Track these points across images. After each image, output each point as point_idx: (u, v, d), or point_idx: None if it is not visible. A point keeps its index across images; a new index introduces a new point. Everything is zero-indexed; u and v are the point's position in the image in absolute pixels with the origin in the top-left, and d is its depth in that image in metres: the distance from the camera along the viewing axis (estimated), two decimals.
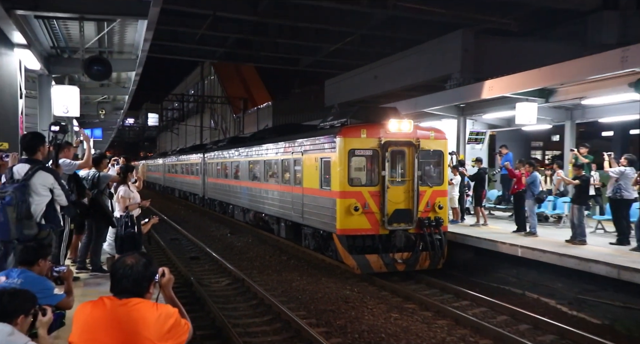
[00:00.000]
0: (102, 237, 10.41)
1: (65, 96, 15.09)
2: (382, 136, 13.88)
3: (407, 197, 14.07)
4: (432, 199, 14.28)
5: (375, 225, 13.77)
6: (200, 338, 9.49)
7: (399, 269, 13.76)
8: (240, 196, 23.80)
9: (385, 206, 13.77)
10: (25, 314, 4.05)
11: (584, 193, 13.67)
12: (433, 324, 10.27)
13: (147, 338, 3.22)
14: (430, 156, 14.60)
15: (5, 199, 6.56)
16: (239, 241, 20.57)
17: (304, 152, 16.20)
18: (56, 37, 14.15)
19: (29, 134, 7.73)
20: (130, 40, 14.77)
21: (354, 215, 13.57)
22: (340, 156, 13.78)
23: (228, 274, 14.67)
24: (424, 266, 13.90)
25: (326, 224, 14.58)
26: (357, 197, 13.66)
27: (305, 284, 13.47)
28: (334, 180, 14.01)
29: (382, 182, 13.86)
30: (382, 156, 13.88)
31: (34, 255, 5.22)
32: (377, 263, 13.56)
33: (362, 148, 13.97)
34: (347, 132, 14.05)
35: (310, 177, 15.64)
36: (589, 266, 11.30)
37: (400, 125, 13.93)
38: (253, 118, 52.49)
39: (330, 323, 10.35)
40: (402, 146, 14.10)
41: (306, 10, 30.10)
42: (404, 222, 13.97)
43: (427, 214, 14.14)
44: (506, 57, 23.96)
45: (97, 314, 3.33)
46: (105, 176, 10.19)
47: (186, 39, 37.09)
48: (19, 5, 10.01)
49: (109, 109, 26.25)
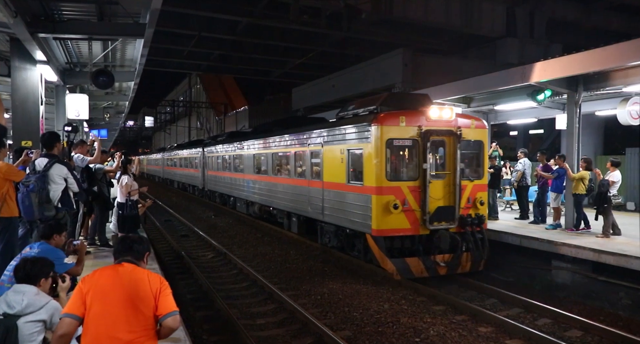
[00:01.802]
0: (103, 218, 10.47)
1: (76, 102, 15.13)
2: (423, 124, 10.69)
3: (447, 192, 10.86)
4: (473, 194, 11.17)
5: (415, 224, 10.58)
6: (190, 300, 9.58)
7: (440, 273, 10.57)
8: (244, 189, 20.26)
9: (426, 203, 10.55)
10: (46, 277, 4.13)
11: (496, 179, 14.21)
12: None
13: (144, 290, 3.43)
14: (471, 147, 11.42)
15: (29, 187, 6.65)
16: (221, 222, 20.54)
17: (325, 144, 12.74)
18: (70, 55, 14.08)
19: (47, 133, 7.75)
20: (130, 56, 14.70)
21: (392, 213, 10.35)
22: (376, 146, 10.47)
23: (213, 249, 14.59)
24: (465, 268, 10.78)
25: (355, 222, 11.30)
26: (395, 194, 10.44)
27: (276, 256, 13.47)
28: (368, 174, 10.71)
29: (423, 176, 10.61)
30: (422, 146, 10.62)
31: (50, 231, 5.30)
32: (418, 266, 10.43)
33: (401, 138, 10.61)
34: (384, 120, 10.57)
35: (333, 171, 12.35)
36: (500, 236, 11.84)
37: (441, 112, 10.84)
38: (232, 120, 52.21)
39: (297, 287, 10.41)
40: (443, 135, 10.89)
41: (276, 32, 30.15)
42: (445, 221, 10.77)
43: (468, 211, 11.04)
44: (437, 71, 24.38)
45: (106, 273, 3.52)
46: (99, 168, 10.22)
47: (176, 55, 36.75)
48: (41, 30, 10.07)
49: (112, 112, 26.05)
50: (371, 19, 25.36)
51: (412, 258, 10.44)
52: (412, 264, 10.39)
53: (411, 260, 10.42)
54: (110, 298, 3.33)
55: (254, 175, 18.76)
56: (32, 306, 3.80)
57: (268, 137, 17.33)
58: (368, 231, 10.71)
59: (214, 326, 8.14)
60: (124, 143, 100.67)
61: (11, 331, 3.68)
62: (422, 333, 7.70)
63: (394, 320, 8.23)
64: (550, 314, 8.51)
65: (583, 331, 7.81)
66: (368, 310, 8.75)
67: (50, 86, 14.83)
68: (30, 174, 6.83)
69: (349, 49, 32.53)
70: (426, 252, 10.51)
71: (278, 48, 34.27)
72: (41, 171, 6.85)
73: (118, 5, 9.68)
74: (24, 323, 3.74)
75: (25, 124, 11.30)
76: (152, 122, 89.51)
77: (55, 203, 6.93)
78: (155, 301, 3.38)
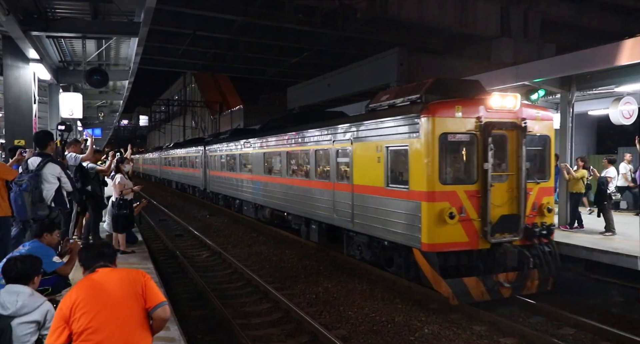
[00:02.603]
0: (97, 217, 10.45)
1: (70, 101, 15.09)
2: (482, 115, 8.83)
3: (510, 197, 9.03)
4: (539, 198, 9.38)
5: (473, 237, 8.73)
6: (185, 299, 9.55)
7: (504, 295, 8.75)
8: (253, 191, 18.21)
9: (487, 211, 8.71)
10: (38, 274, 4.08)
11: None
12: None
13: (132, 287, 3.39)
14: (537, 143, 9.57)
15: (22, 186, 6.63)
16: (216, 221, 20.47)
17: (355, 140, 10.90)
18: (63, 53, 14.03)
19: (40, 132, 7.75)
20: (124, 55, 14.67)
21: (448, 224, 8.50)
22: (427, 142, 8.61)
23: (207, 248, 14.53)
24: (531, 289, 8.95)
25: (397, 234, 9.42)
26: (450, 200, 8.60)
27: (271, 255, 13.46)
28: (417, 176, 8.84)
29: (483, 179, 8.75)
30: (483, 142, 8.76)
31: (40, 229, 5.30)
32: (478, 288, 8.54)
33: (457, 132, 8.74)
34: (436, 110, 8.64)
35: (366, 172, 10.49)
36: None
37: (504, 101, 8.94)
38: (227, 119, 52.10)
39: (292, 287, 10.34)
40: (506, 128, 9.05)
41: (271, 31, 30.06)
42: (508, 232, 8.91)
43: (533, 220, 9.25)
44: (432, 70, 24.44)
45: (84, 286, 3.39)
46: (92, 167, 10.18)
47: (171, 53, 36.60)
48: (33, 27, 10.02)
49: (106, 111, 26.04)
50: (366, 18, 25.39)
51: (471, 278, 8.55)
52: (471, 286, 8.51)
53: (470, 281, 8.52)
54: (101, 309, 3.22)
55: (265, 176, 16.79)
56: (26, 307, 3.77)
57: (282, 133, 15.36)
58: (416, 245, 8.86)
59: (209, 326, 8.12)
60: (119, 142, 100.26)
61: (5, 332, 3.65)
62: (416, 331, 7.71)
63: (388, 319, 8.24)
64: (543, 312, 8.54)
65: (576, 328, 7.84)
66: (363, 309, 8.76)
67: (43, 84, 14.77)
68: (24, 173, 6.81)
69: (344, 48, 32.51)
70: (486, 270, 8.73)
71: (273, 47, 34.21)
72: (34, 170, 6.83)
73: (112, 3, 9.65)
74: (17, 324, 3.71)
75: (18, 123, 11.27)
76: (147, 122, 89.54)
77: (48, 202, 6.91)
78: (143, 295, 3.35)
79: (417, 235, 8.77)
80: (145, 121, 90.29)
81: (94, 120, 26.55)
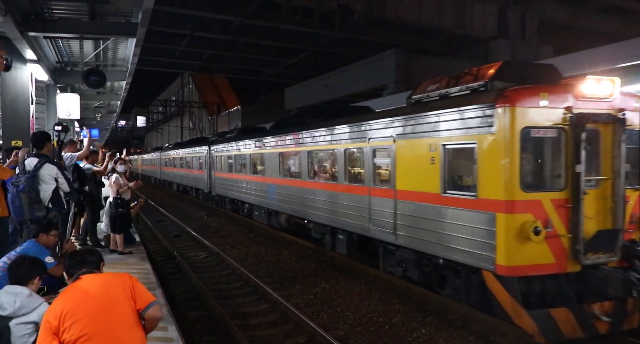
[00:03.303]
0: (95, 218, 10.45)
1: (68, 102, 15.11)
2: (572, 104, 6.98)
3: (605, 207, 7.19)
4: (638, 209, 7.48)
5: (561, 257, 6.93)
6: (183, 300, 9.51)
7: (600, 331, 6.84)
8: (266, 195, 16.40)
9: (579, 225, 6.88)
10: (38, 275, 4.08)
11: None
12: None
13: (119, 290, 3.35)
14: (636, 139, 7.53)
15: (19, 187, 6.60)
16: (214, 222, 20.40)
17: (398, 137, 9.09)
18: (61, 54, 14.02)
19: (38, 133, 7.74)
20: (121, 55, 14.67)
21: (532, 241, 6.72)
22: (504, 139, 6.81)
23: (205, 249, 14.48)
24: (633, 323, 7.04)
25: (461, 252, 7.59)
26: (534, 211, 6.80)
27: (269, 256, 13.43)
28: (490, 181, 7.08)
29: (574, 184, 6.94)
30: (574, 138, 6.95)
31: (36, 230, 5.29)
32: (569, 322, 6.71)
33: (542, 126, 6.90)
34: (517, 98, 6.82)
35: (414, 175, 8.73)
36: None
37: (599, 86, 7.10)
38: (225, 120, 52.17)
39: (290, 287, 10.34)
40: (602, 122, 7.19)
41: (268, 32, 30.11)
42: (603, 252, 7.08)
43: (632, 235, 7.36)
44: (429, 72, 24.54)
45: (70, 295, 3.31)
46: (88, 168, 10.21)
47: (168, 54, 36.73)
48: (31, 28, 10.05)
49: (104, 112, 26.04)
50: (364, 19, 25.45)
51: (560, 310, 6.75)
52: (561, 320, 6.70)
53: (559, 313, 6.72)
54: (92, 315, 3.16)
55: (282, 178, 15.02)
56: (24, 308, 3.78)
57: (301, 131, 13.49)
58: (488, 266, 7.10)
59: (207, 326, 8.10)
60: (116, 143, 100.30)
61: (3, 332, 3.65)
62: (414, 332, 7.71)
63: (386, 319, 8.24)
64: None
65: None
66: (361, 309, 8.75)
67: (40, 85, 14.78)
68: (20, 174, 6.78)
69: (341, 49, 32.60)
70: (579, 299, 6.99)
71: (271, 48, 34.26)
72: (31, 171, 6.81)
73: (109, 4, 9.65)
74: (15, 324, 3.71)
75: (15, 123, 11.28)
76: (144, 122, 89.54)
77: (46, 203, 6.88)
78: (132, 297, 3.32)
79: (491, 255, 7.02)
80: (142, 121, 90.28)
81: (92, 121, 26.54)
